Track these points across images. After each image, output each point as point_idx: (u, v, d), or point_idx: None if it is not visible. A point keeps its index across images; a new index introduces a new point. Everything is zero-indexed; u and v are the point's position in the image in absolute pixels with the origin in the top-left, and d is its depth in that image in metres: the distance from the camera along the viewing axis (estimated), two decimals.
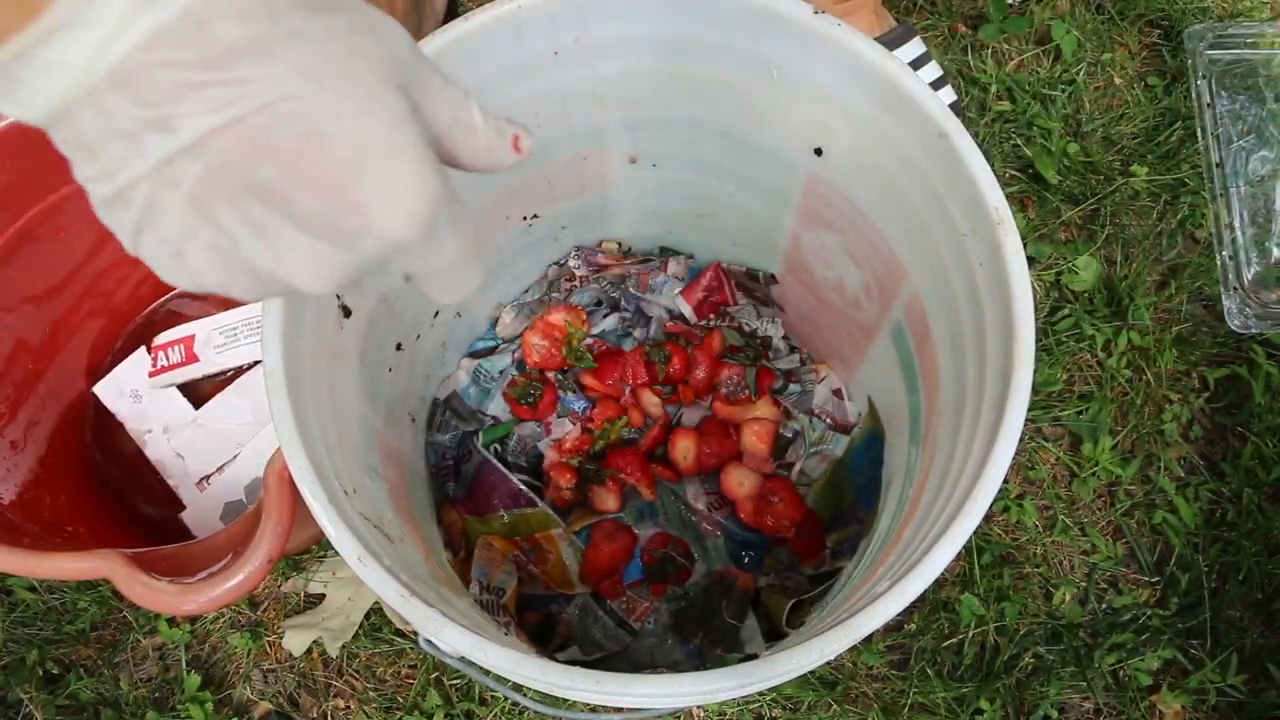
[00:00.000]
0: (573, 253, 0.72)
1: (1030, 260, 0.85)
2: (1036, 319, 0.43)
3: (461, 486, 0.70)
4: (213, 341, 0.78)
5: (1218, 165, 0.87)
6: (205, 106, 0.23)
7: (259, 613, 0.79)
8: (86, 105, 0.23)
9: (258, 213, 0.25)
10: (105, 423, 0.79)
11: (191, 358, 0.78)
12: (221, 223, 0.25)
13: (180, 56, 0.22)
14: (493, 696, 0.75)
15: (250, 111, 0.23)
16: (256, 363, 0.79)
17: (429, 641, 0.46)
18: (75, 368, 0.79)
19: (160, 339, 0.79)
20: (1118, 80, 0.95)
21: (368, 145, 0.25)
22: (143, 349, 0.80)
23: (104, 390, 0.79)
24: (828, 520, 0.69)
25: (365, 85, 0.25)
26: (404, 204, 0.25)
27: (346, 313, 0.51)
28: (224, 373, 0.79)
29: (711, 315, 0.73)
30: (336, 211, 0.25)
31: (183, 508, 0.76)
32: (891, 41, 0.87)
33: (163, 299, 0.84)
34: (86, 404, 0.80)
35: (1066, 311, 0.86)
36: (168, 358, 0.78)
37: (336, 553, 0.47)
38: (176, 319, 0.82)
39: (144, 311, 0.83)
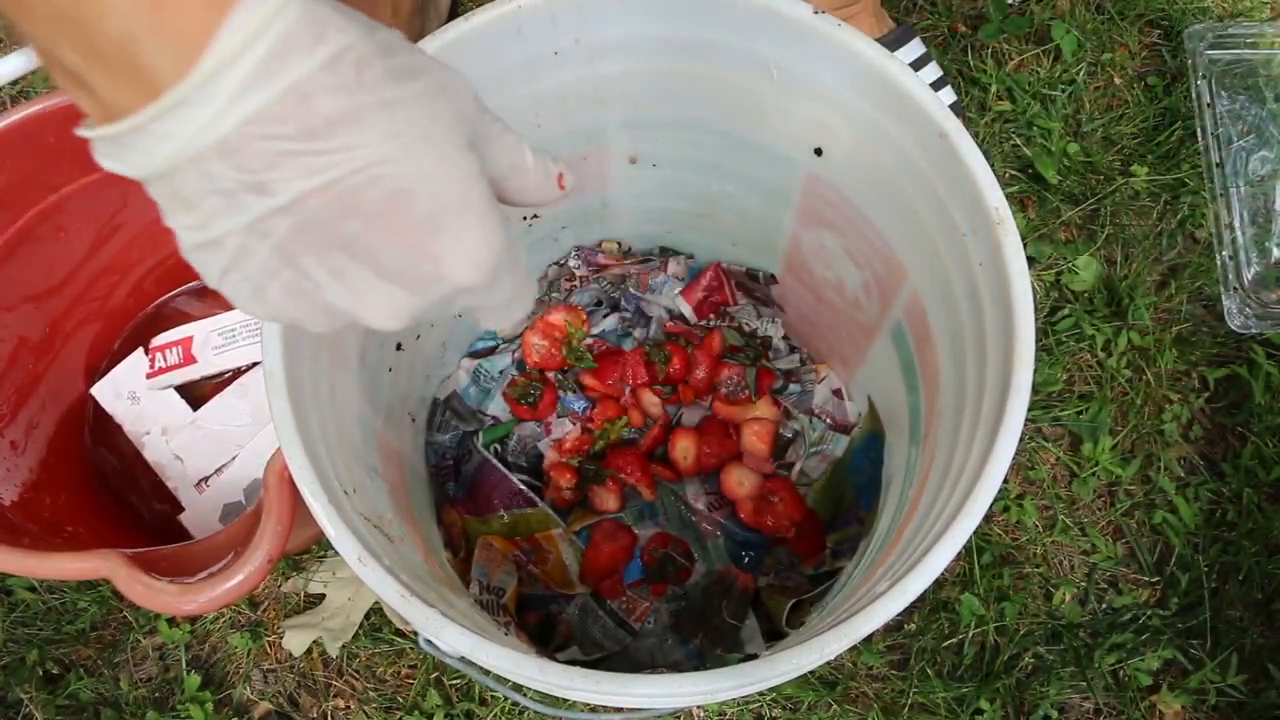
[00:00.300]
0: (573, 253, 0.72)
1: (1030, 260, 0.85)
2: (1036, 319, 0.43)
3: (461, 486, 0.70)
4: (211, 343, 0.78)
5: (1218, 165, 0.87)
6: (302, 172, 0.25)
7: (259, 613, 0.78)
8: (189, 169, 0.25)
9: (340, 261, 0.27)
10: (104, 424, 0.79)
11: (190, 359, 0.78)
12: (305, 268, 0.27)
13: (282, 130, 0.24)
14: (493, 696, 0.75)
15: (344, 175, 0.25)
16: (255, 364, 0.79)
17: (429, 641, 0.46)
18: (74, 368, 0.79)
19: (158, 340, 0.79)
20: (1118, 80, 0.95)
21: (445, 203, 0.27)
22: (140, 350, 0.80)
23: (102, 392, 0.79)
24: (828, 520, 0.69)
25: (443, 147, 0.27)
26: (474, 254, 0.28)
27: None
28: (222, 374, 0.79)
29: (711, 315, 0.73)
30: (414, 262, 0.27)
31: (182, 509, 0.76)
32: (892, 42, 0.87)
33: (161, 300, 0.83)
34: (85, 405, 0.80)
35: (1066, 311, 0.86)
36: (166, 359, 0.78)
37: (336, 553, 0.47)
38: (175, 320, 0.82)
39: (143, 312, 0.83)
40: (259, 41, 0.23)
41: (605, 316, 0.74)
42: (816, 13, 0.47)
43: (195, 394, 0.79)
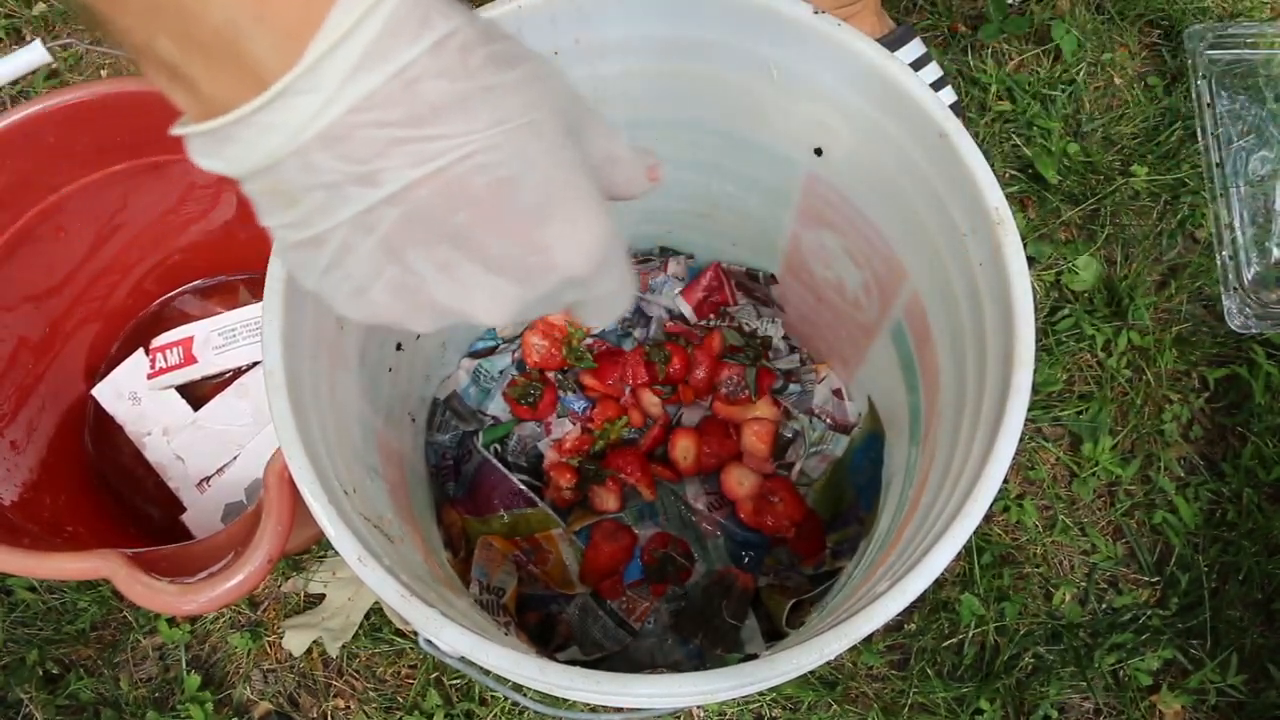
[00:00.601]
0: None
1: (1030, 260, 0.85)
2: (1036, 319, 0.43)
3: (461, 486, 0.70)
4: (211, 343, 0.78)
5: (1218, 165, 0.87)
6: (409, 161, 0.24)
7: (259, 613, 0.79)
8: (292, 161, 0.24)
9: (447, 254, 0.26)
10: (105, 425, 0.79)
11: (190, 359, 0.78)
12: (410, 263, 0.27)
13: (388, 116, 0.24)
14: (493, 696, 0.75)
15: (452, 163, 0.25)
16: (255, 364, 0.79)
17: (429, 641, 0.46)
18: (74, 369, 0.79)
19: (158, 341, 0.79)
20: (1118, 80, 0.95)
21: (552, 191, 0.26)
22: (141, 351, 0.80)
23: (102, 392, 0.79)
24: (828, 520, 0.69)
25: (547, 134, 0.26)
26: (583, 243, 0.27)
27: None
28: (223, 374, 0.79)
29: (711, 315, 0.73)
30: (523, 252, 0.27)
31: (183, 509, 0.76)
32: (892, 42, 0.87)
33: (161, 300, 0.83)
34: (86, 405, 0.80)
35: (1066, 311, 0.86)
36: (166, 359, 0.78)
37: (336, 553, 0.47)
38: (175, 320, 0.82)
39: (143, 312, 0.83)
40: (366, 25, 0.23)
41: None
42: (817, 13, 0.47)
43: (196, 394, 0.79)
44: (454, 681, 0.76)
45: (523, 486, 0.68)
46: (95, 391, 0.79)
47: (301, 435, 0.42)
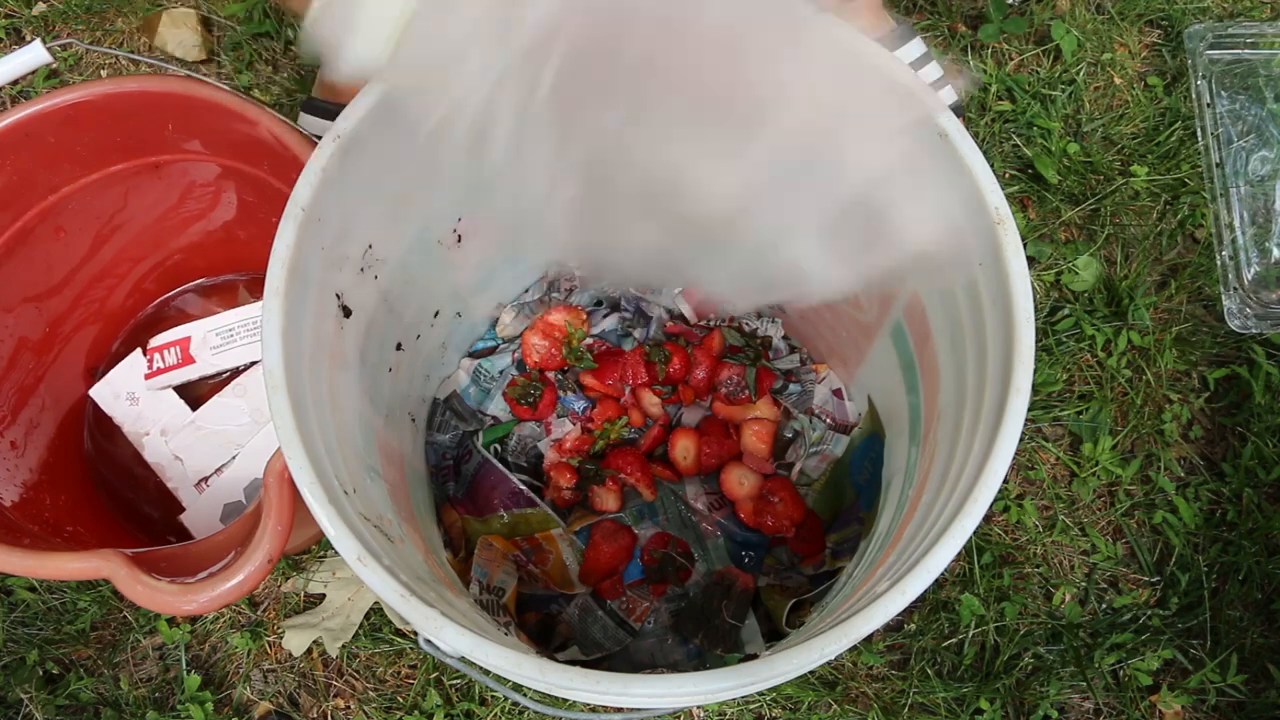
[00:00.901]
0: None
1: (1030, 260, 0.85)
2: (1036, 319, 0.43)
3: (461, 486, 0.70)
4: (209, 343, 0.78)
5: (1218, 165, 0.87)
6: None
7: (259, 613, 0.78)
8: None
9: None
10: (104, 425, 0.79)
11: (188, 359, 0.78)
12: None
13: None
14: (493, 696, 0.75)
15: None
16: (253, 363, 0.79)
17: (429, 641, 0.46)
18: (74, 369, 0.79)
19: (156, 341, 0.79)
20: (1118, 80, 0.95)
21: None
22: (139, 351, 0.80)
23: (100, 393, 0.79)
24: (828, 520, 0.69)
25: None
26: None
27: (346, 313, 0.51)
28: (221, 374, 0.79)
29: (711, 315, 0.73)
30: None
31: (182, 509, 0.76)
32: (892, 42, 0.87)
33: (161, 300, 0.83)
34: (86, 406, 0.80)
35: (1066, 311, 0.86)
36: (164, 360, 0.78)
37: (336, 553, 0.47)
38: (175, 320, 0.82)
39: (142, 312, 0.83)
40: None
41: (605, 316, 0.74)
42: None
43: (194, 394, 0.79)
44: (454, 681, 0.76)
45: (523, 486, 0.68)
46: (93, 392, 0.79)
47: (301, 435, 0.42)
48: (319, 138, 0.47)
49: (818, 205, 0.38)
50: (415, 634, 0.76)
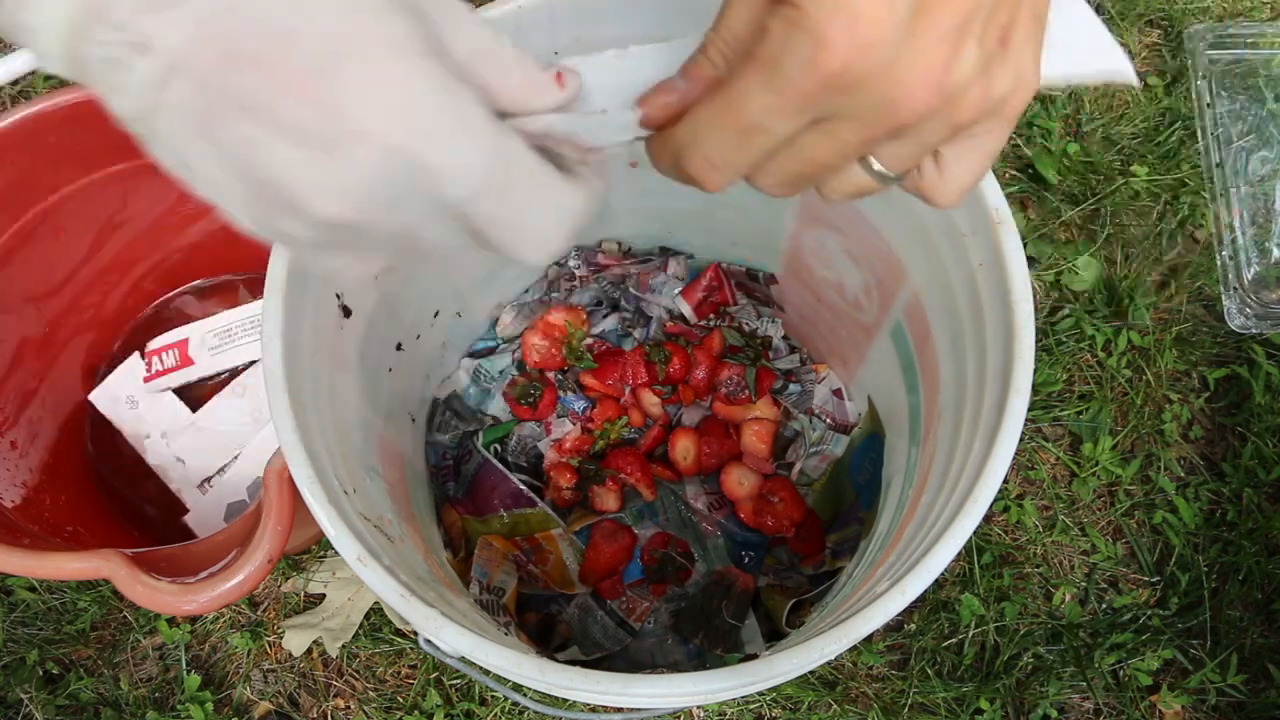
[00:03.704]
0: (573, 253, 0.72)
1: (1030, 260, 0.85)
2: (1036, 319, 0.43)
3: (461, 486, 0.70)
4: (207, 344, 0.78)
5: (1218, 165, 0.87)
6: (172, 21, 0.22)
7: (259, 613, 0.79)
8: (86, 42, 0.23)
9: (250, 129, 0.23)
10: (105, 428, 0.79)
11: (187, 361, 0.78)
12: (221, 142, 0.24)
13: None
14: (493, 696, 0.75)
15: (216, 15, 0.22)
16: (252, 363, 0.79)
17: (429, 641, 0.46)
18: (74, 370, 0.79)
19: (154, 344, 0.79)
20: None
21: (345, 38, 0.23)
22: (136, 354, 0.80)
23: (99, 398, 0.79)
24: (828, 520, 0.69)
25: None
26: (393, 100, 0.23)
27: (346, 313, 0.51)
28: (220, 375, 0.79)
29: (711, 315, 0.73)
30: (320, 116, 0.23)
31: (185, 510, 0.76)
32: None
33: (161, 300, 0.83)
34: (86, 406, 0.80)
35: (1066, 311, 0.86)
36: (162, 362, 0.78)
37: (336, 553, 0.47)
38: (175, 321, 0.82)
39: (142, 313, 0.83)
40: None
41: (605, 316, 0.74)
42: None
43: (194, 396, 0.79)
44: (454, 681, 0.76)
45: (523, 486, 0.68)
46: (92, 397, 0.79)
47: (301, 435, 0.42)
48: None
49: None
50: (415, 634, 0.76)
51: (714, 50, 0.28)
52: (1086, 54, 0.34)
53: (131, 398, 0.79)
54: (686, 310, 0.72)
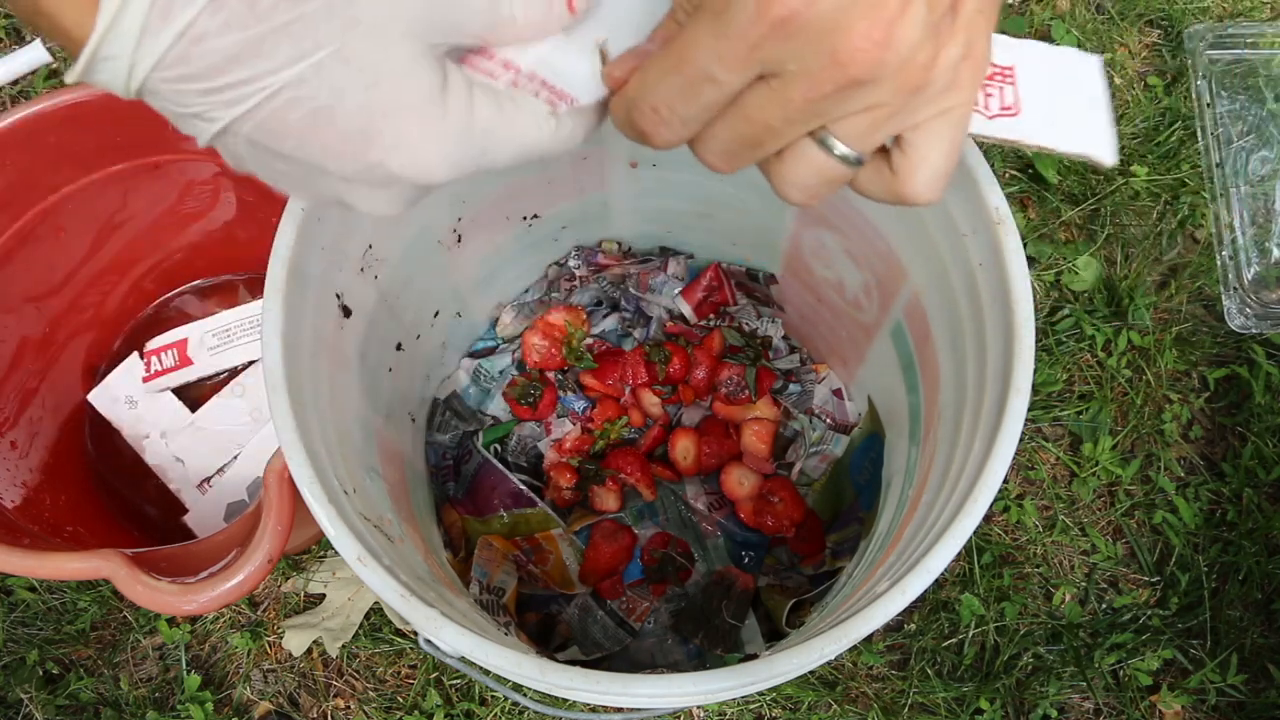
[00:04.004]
0: (573, 253, 0.72)
1: (1030, 260, 0.85)
2: (1036, 319, 0.43)
3: (461, 486, 0.70)
4: (206, 344, 0.78)
5: (1218, 165, 0.87)
6: (222, 105, 0.26)
7: (259, 613, 0.79)
8: (153, 97, 0.27)
9: (302, 171, 0.29)
10: (104, 428, 0.79)
11: (186, 361, 0.78)
12: (280, 172, 0.29)
13: (188, 71, 0.26)
14: (493, 696, 0.75)
15: (260, 104, 0.26)
16: (251, 363, 0.79)
17: (429, 641, 0.46)
18: (74, 370, 0.79)
19: (153, 344, 0.79)
20: (1118, 80, 0.95)
21: (374, 113, 0.27)
22: (135, 355, 0.80)
23: (98, 398, 0.79)
24: (828, 520, 0.69)
25: (362, 55, 0.26)
26: (420, 155, 0.28)
27: (346, 313, 0.51)
28: (219, 375, 0.79)
29: (711, 315, 0.73)
30: (364, 169, 0.28)
31: (185, 510, 0.76)
32: None
33: (161, 300, 0.83)
34: (86, 406, 0.80)
35: (1066, 311, 0.86)
36: (161, 362, 0.78)
37: (336, 553, 0.47)
38: (175, 320, 0.82)
39: (142, 313, 0.83)
40: None
41: (605, 316, 0.74)
42: None
43: (193, 396, 0.79)
44: (454, 681, 0.76)
45: (523, 486, 0.68)
46: (91, 397, 0.79)
47: (301, 435, 0.42)
48: None
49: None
50: (415, 634, 0.76)
51: (679, 10, 0.29)
52: (1076, 130, 0.34)
53: (130, 398, 0.79)
54: (686, 310, 0.72)
